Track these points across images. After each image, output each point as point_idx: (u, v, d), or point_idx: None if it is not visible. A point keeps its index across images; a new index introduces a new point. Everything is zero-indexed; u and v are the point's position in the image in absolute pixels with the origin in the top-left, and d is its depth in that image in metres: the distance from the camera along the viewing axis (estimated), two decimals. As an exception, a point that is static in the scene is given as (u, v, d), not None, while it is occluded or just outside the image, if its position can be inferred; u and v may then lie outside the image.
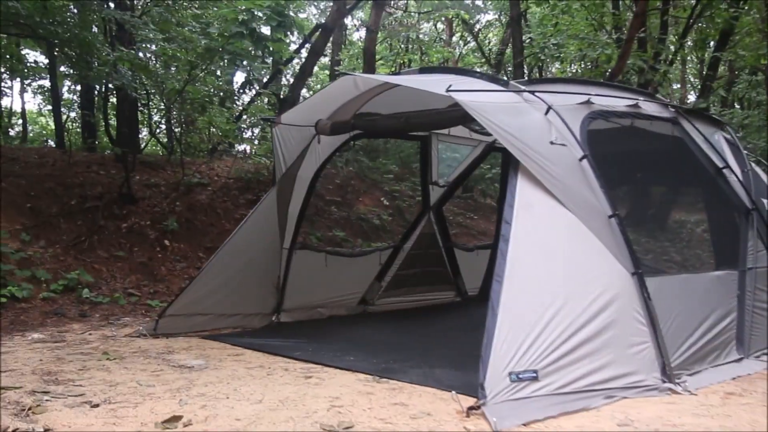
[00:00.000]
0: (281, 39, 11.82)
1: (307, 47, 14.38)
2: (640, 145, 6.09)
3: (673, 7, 14.46)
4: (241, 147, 14.35)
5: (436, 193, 8.98)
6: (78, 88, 13.81)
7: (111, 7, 10.38)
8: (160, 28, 10.27)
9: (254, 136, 15.19)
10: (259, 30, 10.16)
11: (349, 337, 6.65)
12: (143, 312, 7.79)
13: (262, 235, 7.06)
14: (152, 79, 10.71)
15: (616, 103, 5.73)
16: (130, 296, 8.25)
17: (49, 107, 16.02)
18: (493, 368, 3.95)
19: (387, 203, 12.85)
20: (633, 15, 11.22)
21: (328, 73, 19.28)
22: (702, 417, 3.91)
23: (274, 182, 7.20)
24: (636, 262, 4.73)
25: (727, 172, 5.99)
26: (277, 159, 7.18)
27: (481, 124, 5.01)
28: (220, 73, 13.11)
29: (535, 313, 4.25)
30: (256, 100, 14.95)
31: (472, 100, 4.93)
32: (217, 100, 12.45)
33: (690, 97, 21.10)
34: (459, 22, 20.42)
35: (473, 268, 9.18)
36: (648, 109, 5.92)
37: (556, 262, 4.60)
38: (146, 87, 11.30)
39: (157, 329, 6.40)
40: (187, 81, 10.44)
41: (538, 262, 4.56)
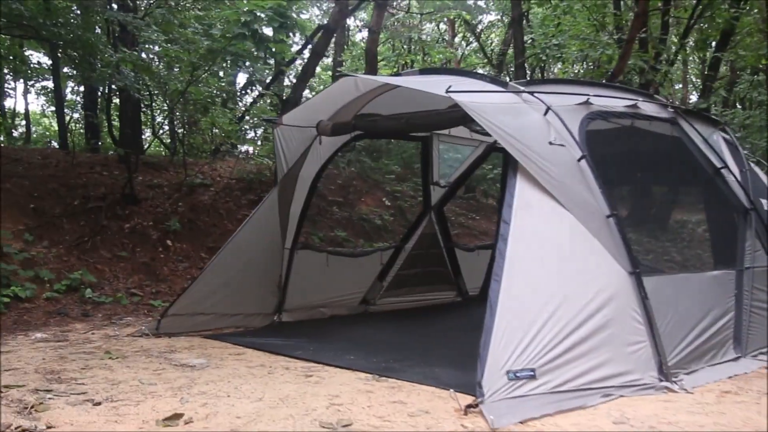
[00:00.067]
0: (283, 40, 11.84)
1: (310, 48, 14.42)
2: (639, 146, 6.12)
3: (674, 8, 14.50)
4: (243, 148, 14.38)
5: (437, 194, 9.02)
6: (81, 89, 13.88)
7: (114, 9, 10.41)
8: (163, 30, 10.31)
9: (257, 136, 15.25)
10: (261, 31, 10.19)
11: (350, 337, 6.69)
12: (145, 312, 7.84)
13: (263, 235, 7.10)
14: (155, 80, 10.77)
15: (615, 104, 5.76)
16: (133, 296, 8.30)
17: (53, 108, 16.11)
18: (491, 367, 3.99)
19: (389, 203, 12.89)
20: (634, 15, 11.24)
21: (331, 74, 19.31)
22: (697, 415, 3.95)
23: (276, 183, 7.25)
24: (634, 262, 4.76)
25: (726, 172, 6.03)
26: (278, 159, 7.22)
27: (481, 125, 5.04)
28: (222, 74, 13.16)
29: (533, 312, 4.29)
30: (259, 101, 14.99)
31: (472, 100, 4.96)
32: (220, 101, 12.50)
33: (692, 97, 21.11)
34: (461, 22, 20.46)
35: (474, 268, 9.22)
36: (647, 110, 5.95)
37: (554, 261, 4.64)
38: (149, 88, 11.34)
39: (159, 329, 6.45)
40: (189, 82, 10.48)
41: (536, 261, 4.60)
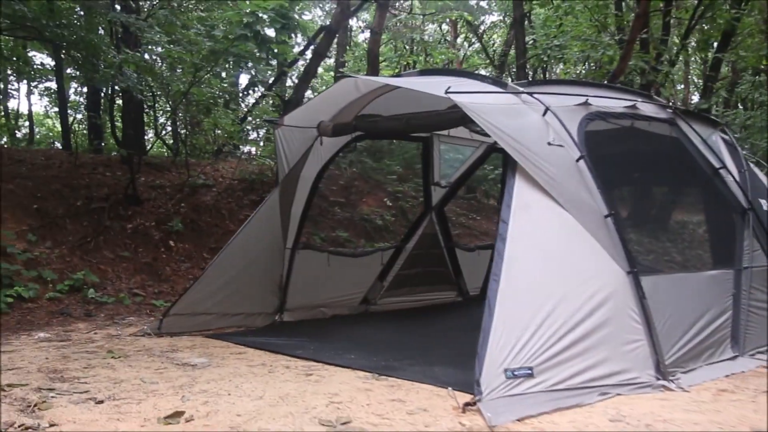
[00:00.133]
0: (285, 41, 11.89)
1: (312, 49, 14.47)
2: (638, 146, 6.15)
3: (675, 8, 14.51)
4: (245, 148, 14.43)
5: (438, 194, 9.05)
6: (84, 90, 13.95)
7: (117, 10, 10.47)
8: (166, 31, 10.36)
9: (259, 137, 15.30)
10: (263, 32, 10.24)
11: (351, 336, 6.72)
12: (148, 312, 7.89)
13: (265, 236, 7.14)
14: (158, 81, 10.81)
15: (614, 105, 5.80)
16: (135, 296, 8.34)
17: (56, 109, 16.16)
18: (489, 365, 4.02)
19: (390, 204, 12.93)
20: (635, 16, 11.26)
21: (333, 74, 19.36)
22: (692, 413, 3.98)
23: (277, 183, 7.29)
24: (631, 261, 4.79)
25: (724, 173, 6.06)
26: (279, 160, 7.26)
27: (479, 125, 5.08)
28: (224, 75, 13.22)
29: (531, 311, 4.32)
30: (261, 102, 15.03)
31: (471, 101, 5.00)
32: (222, 102, 12.54)
33: (694, 98, 21.12)
34: (463, 23, 20.48)
35: (475, 268, 9.25)
36: (646, 110, 5.98)
37: (553, 261, 4.68)
38: (152, 89, 11.37)
39: (161, 328, 6.48)
40: (192, 83, 10.53)
41: (534, 261, 4.63)
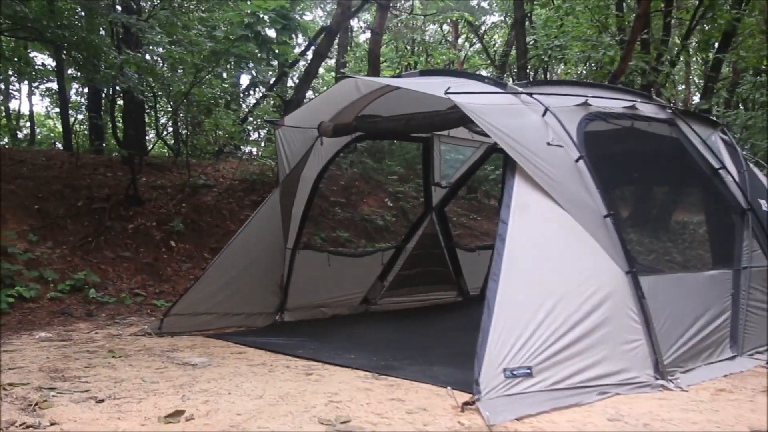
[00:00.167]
0: (286, 42, 11.91)
1: (313, 50, 14.49)
2: (637, 147, 6.16)
3: (677, 8, 14.52)
4: (246, 149, 14.46)
5: (438, 194, 9.06)
6: (85, 91, 13.97)
7: (118, 11, 10.49)
8: (167, 31, 10.38)
9: (260, 138, 15.33)
10: (264, 33, 10.26)
11: (351, 336, 6.74)
12: (149, 312, 7.90)
13: (265, 236, 7.16)
14: (159, 82, 10.84)
15: (614, 105, 5.81)
16: (136, 296, 8.36)
17: (57, 110, 16.19)
18: (488, 364, 4.03)
19: (391, 204, 12.95)
20: (635, 16, 11.28)
21: (334, 75, 19.38)
22: (690, 412, 3.99)
23: (278, 183, 7.31)
24: (630, 261, 4.81)
25: (723, 173, 6.07)
26: (280, 160, 7.28)
27: (479, 126, 5.09)
28: (225, 76, 13.24)
29: (530, 311, 4.33)
30: (262, 103, 15.06)
31: (470, 101, 5.01)
32: (223, 103, 12.56)
33: (695, 98, 21.13)
34: (464, 24, 20.50)
35: (475, 269, 9.26)
36: (645, 111, 5.99)
37: (552, 261, 4.69)
38: (153, 89, 11.40)
39: (161, 328, 6.50)
40: (193, 83, 10.55)
41: (533, 261, 4.64)
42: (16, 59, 13.02)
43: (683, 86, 21.58)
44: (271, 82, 14.41)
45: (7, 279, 7.60)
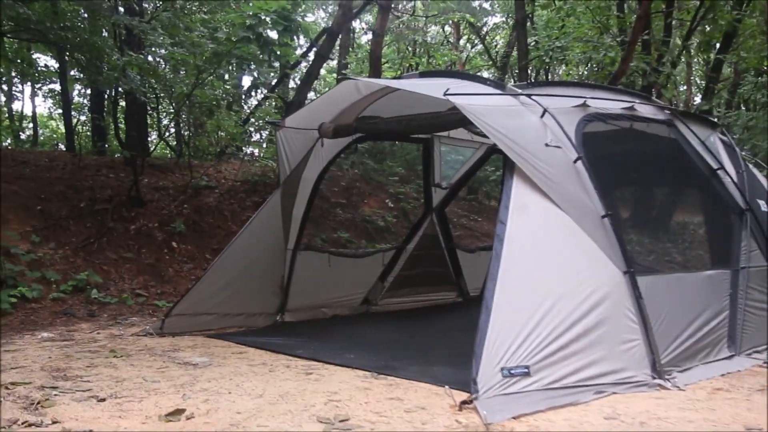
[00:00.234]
0: (288, 43, 11.93)
1: (314, 51, 14.52)
2: (636, 147, 6.18)
3: (677, 9, 14.54)
4: (248, 150, 14.49)
5: (438, 195, 9.09)
6: (88, 92, 14.00)
7: (121, 13, 10.52)
8: (169, 33, 10.42)
9: (261, 139, 15.36)
10: (265, 35, 10.29)
11: (351, 336, 6.78)
12: (150, 312, 7.94)
13: (266, 237, 7.19)
14: (161, 83, 10.87)
15: (612, 106, 5.84)
16: (138, 297, 8.40)
17: (60, 111, 16.23)
18: (486, 364, 4.07)
19: (392, 205, 12.97)
20: (636, 18, 11.30)
21: (336, 76, 19.41)
22: (687, 411, 4.02)
23: (279, 185, 7.34)
24: (628, 261, 4.84)
25: (722, 174, 6.10)
26: (281, 161, 7.31)
27: (478, 127, 5.12)
28: (227, 77, 13.27)
29: (528, 311, 4.36)
30: (263, 104, 15.09)
31: (469, 103, 5.04)
32: (225, 104, 12.59)
33: (696, 99, 21.14)
34: (466, 25, 20.52)
35: (475, 269, 9.26)
36: (644, 112, 6.02)
37: (549, 261, 4.72)
38: (155, 91, 11.44)
39: (163, 328, 6.54)
40: (195, 85, 10.58)
41: (531, 261, 4.68)
42: (19, 61, 13.08)
43: (685, 87, 21.58)
44: (273, 84, 14.44)
45: (10, 279, 7.64)
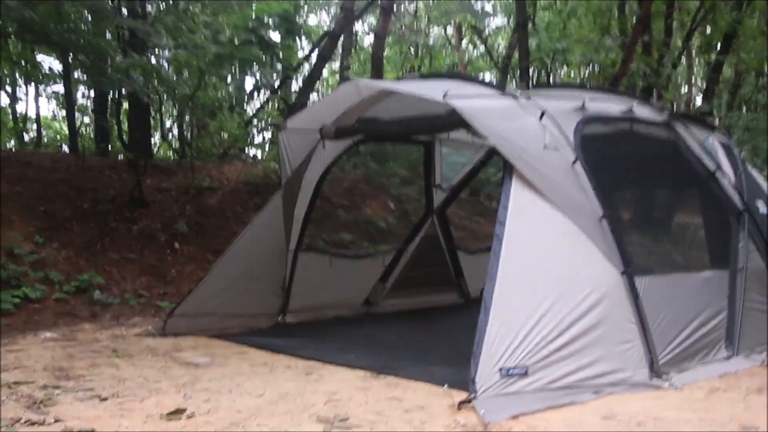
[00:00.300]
0: (290, 45, 11.98)
1: (317, 53, 14.56)
2: (635, 149, 6.21)
3: (678, 10, 14.56)
4: (251, 152, 14.54)
5: (439, 197, 9.12)
6: (91, 94, 14.02)
7: (124, 15, 10.56)
8: (172, 35, 10.46)
9: (264, 141, 15.39)
10: (268, 37, 10.33)
11: (352, 337, 6.80)
12: (152, 313, 7.96)
13: (268, 238, 7.21)
14: (164, 85, 10.91)
15: (611, 108, 5.87)
16: (140, 297, 8.41)
17: (63, 112, 16.26)
18: (484, 364, 4.11)
19: (393, 207, 12.98)
20: (636, 20, 11.34)
21: (338, 78, 19.44)
22: (684, 411, 4.05)
23: (281, 186, 7.37)
24: (626, 262, 4.87)
25: (720, 175, 6.12)
26: (282, 163, 7.34)
27: (477, 129, 5.15)
28: (230, 79, 13.31)
29: (526, 311, 4.40)
30: (266, 106, 15.13)
31: (468, 105, 5.08)
32: (228, 106, 12.63)
33: (697, 100, 21.14)
34: (468, 27, 20.55)
35: (476, 270, 9.23)
36: (642, 114, 6.03)
37: (548, 262, 4.76)
38: (158, 92, 11.47)
39: (165, 329, 6.57)
40: (198, 87, 10.62)
41: (530, 262, 4.71)
42: (23, 62, 13.11)
43: (686, 88, 21.58)
44: (276, 86, 14.48)
45: (13, 280, 7.66)
